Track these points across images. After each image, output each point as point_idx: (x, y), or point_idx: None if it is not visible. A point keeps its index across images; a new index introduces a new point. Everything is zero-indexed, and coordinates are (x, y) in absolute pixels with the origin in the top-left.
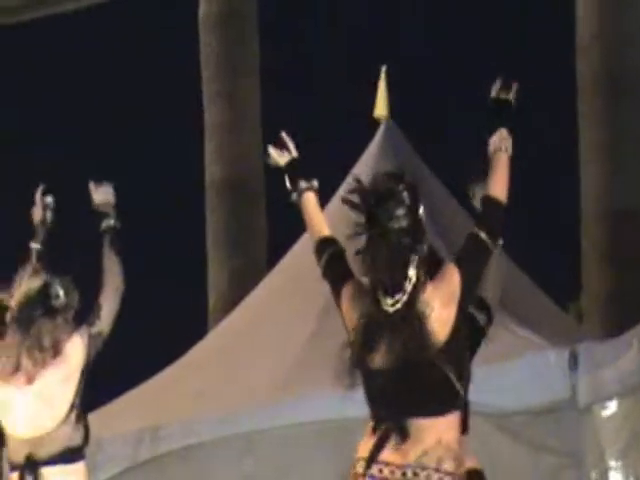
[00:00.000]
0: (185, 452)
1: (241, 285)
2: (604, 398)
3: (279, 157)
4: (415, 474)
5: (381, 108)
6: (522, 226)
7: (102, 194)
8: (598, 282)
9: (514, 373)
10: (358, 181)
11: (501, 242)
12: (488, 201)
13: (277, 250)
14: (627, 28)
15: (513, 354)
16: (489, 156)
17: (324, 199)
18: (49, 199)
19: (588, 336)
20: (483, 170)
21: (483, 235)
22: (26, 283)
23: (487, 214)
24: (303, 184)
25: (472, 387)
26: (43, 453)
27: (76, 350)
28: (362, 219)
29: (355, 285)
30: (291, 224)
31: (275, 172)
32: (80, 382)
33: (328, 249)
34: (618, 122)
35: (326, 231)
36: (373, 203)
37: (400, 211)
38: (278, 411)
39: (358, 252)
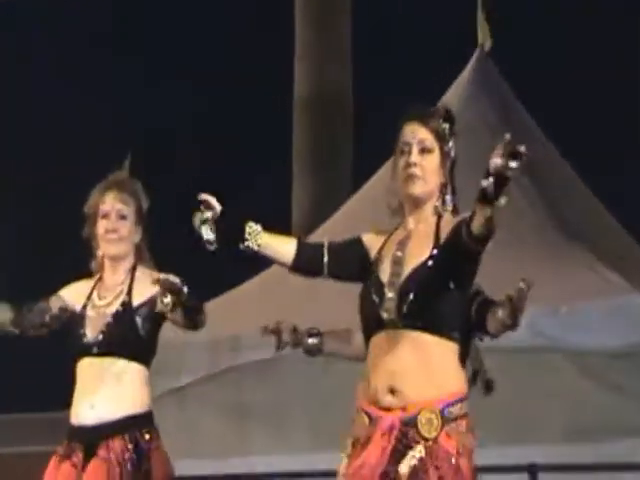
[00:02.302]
0: (264, 364)
1: (325, 204)
2: None
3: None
4: None
5: (483, 34)
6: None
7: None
8: None
9: (597, 314)
10: None
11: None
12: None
13: (363, 172)
14: None
15: (598, 295)
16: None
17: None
18: None
19: None
20: None
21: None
22: None
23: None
24: (249, 234)
25: (555, 324)
26: None
27: None
28: None
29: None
30: (378, 146)
31: (365, 94)
32: None
33: (312, 255)
34: None
35: (292, 248)
36: None
37: None
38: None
39: None
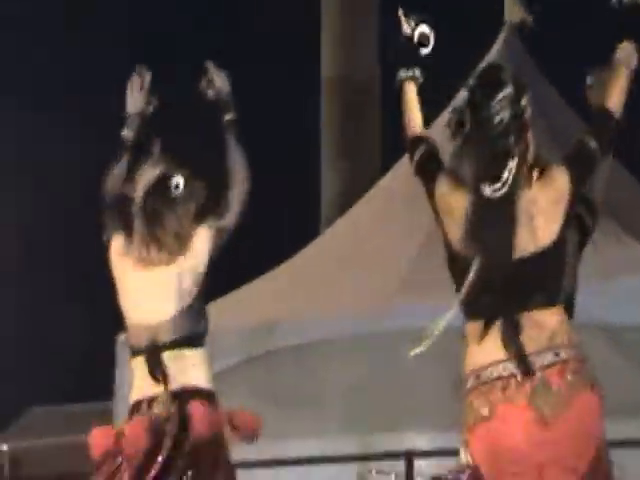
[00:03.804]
0: (298, 350)
1: (353, 187)
2: None
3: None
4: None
5: (512, 12)
6: None
7: (223, 81)
8: None
9: (629, 289)
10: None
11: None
12: (602, 111)
13: (392, 153)
14: None
15: (629, 270)
16: (612, 65)
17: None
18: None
19: None
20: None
21: (593, 144)
22: (145, 174)
23: (599, 124)
24: (402, 73)
25: (585, 299)
26: (164, 339)
27: (202, 243)
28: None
29: (452, 175)
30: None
31: (392, 76)
32: (204, 274)
33: (422, 146)
34: None
35: (419, 129)
36: (476, 87)
37: (503, 101)
38: (391, 315)
39: (460, 141)
